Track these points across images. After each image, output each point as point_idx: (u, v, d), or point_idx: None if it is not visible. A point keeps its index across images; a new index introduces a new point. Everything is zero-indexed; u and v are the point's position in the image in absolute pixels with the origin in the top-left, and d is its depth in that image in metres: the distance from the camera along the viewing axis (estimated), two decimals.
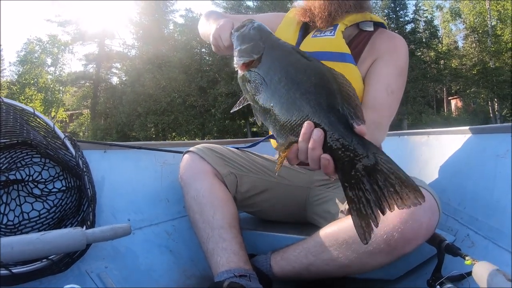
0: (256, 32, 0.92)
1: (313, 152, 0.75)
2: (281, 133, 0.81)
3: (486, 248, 1.11)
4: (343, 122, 0.74)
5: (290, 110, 0.78)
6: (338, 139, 0.73)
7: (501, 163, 1.23)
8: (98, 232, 0.95)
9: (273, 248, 1.25)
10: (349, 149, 0.72)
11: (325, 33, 1.33)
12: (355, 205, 0.70)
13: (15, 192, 1.13)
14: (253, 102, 0.87)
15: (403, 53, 1.34)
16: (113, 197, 1.42)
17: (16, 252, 0.79)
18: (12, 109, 1.21)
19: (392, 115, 1.32)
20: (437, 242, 1.03)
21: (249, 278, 1.08)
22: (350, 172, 0.71)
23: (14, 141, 1.12)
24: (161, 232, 1.49)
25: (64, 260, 1.05)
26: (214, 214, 1.22)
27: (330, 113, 0.75)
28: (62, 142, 1.27)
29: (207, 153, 1.35)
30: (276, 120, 0.81)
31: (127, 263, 1.29)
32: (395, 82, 1.30)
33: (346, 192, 0.72)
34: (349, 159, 0.71)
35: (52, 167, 1.23)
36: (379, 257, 1.01)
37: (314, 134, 0.73)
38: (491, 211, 1.18)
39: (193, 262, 1.46)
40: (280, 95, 0.80)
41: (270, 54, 0.86)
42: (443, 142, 1.79)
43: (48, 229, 1.14)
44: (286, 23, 1.49)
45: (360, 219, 0.69)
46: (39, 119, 1.29)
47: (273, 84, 0.82)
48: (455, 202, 1.40)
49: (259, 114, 0.87)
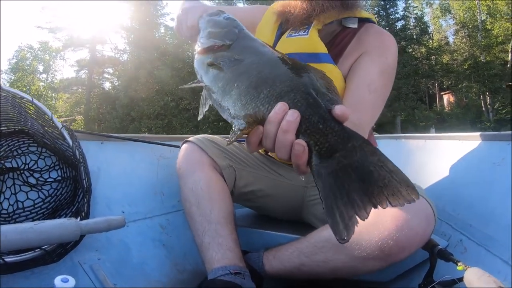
0: (231, 22, 0.84)
1: (284, 136, 0.63)
2: (241, 113, 0.67)
3: (478, 254, 1.12)
4: (321, 105, 0.63)
5: (259, 88, 0.67)
6: (316, 123, 0.62)
7: (496, 171, 1.24)
8: (92, 224, 0.95)
9: (266, 245, 1.25)
10: (329, 135, 0.61)
11: (299, 32, 1.26)
12: (331, 200, 0.60)
13: (11, 180, 1.13)
14: (211, 85, 0.74)
15: (391, 50, 1.27)
16: (108, 188, 1.41)
17: (9, 241, 0.78)
18: (10, 97, 1.21)
19: (374, 116, 1.24)
20: (429, 247, 1.03)
21: (243, 276, 1.08)
22: (327, 162, 0.61)
23: (11, 129, 1.12)
24: (155, 225, 1.49)
25: (57, 251, 1.05)
26: (212, 208, 1.20)
27: (308, 93, 0.64)
28: (59, 132, 1.26)
29: (207, 144, 1.33)
30: (238, 100, 0.68)
31: (120, 255, 1.28)
32: (379, 79, 1.22)
33: (320, 184, 0.62)
34: (328, 147, 0.61)
35: (48, 156, 1.22)
36: (372, 263, 1.01)
37: (289, 114, 0.62)
38: (485, 218, 1.19)
39: (185, 257, 1.46)
40: (250, 75, 0.69)
41: (243, 43, 0.78)
42: (440, 147, 1.79)
43: (42, 218, 1.14)
44: (265, 20, 1.42)
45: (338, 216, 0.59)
46: (37, 108, 1.28)
47: (242, 66, 0.72)
48: (450, 208, 1.40)
49: (216, 96, 0.73)
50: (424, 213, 0.99)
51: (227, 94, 0.71)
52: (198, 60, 0.80)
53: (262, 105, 0.66)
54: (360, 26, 1.32)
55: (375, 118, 1.25)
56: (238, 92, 0.69)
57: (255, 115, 0.66)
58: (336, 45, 1.29)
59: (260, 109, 0.65)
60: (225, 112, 0.71)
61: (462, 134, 1.59)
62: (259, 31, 1.40)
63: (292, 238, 1.23)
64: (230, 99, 0.70)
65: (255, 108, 0.66)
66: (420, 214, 0.98)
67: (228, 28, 0.81)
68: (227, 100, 0.70)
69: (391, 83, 1.28)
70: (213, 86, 0.74)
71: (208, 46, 0.79)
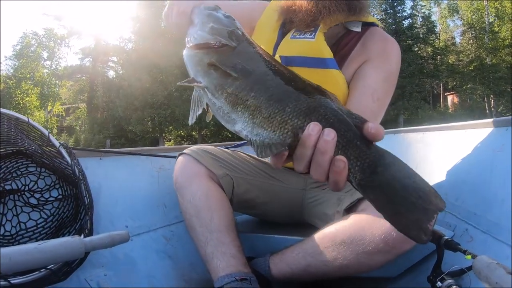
0: (232, 22, 0.75)
1: (322, 157, 0.58)
2: (263, 127, 0.62)
3: (485, 242, 1.11)
4: (350, 122, 0.61)
5: (283, 101, 0.61)
6: (352, 139, 0.59)
7: (497, 157, 1.24)
8: (96, 240, 0.95)
9: (271, 250, 1.25)
10: (367, 151, 0.60)
11: (305, 34, 1.23)
12: (392, 211, 0.60)
13: (12, 202, 1.13)
14: (215, 89, 0.67)
15: (395, 57, 1.26)
16: (110, 204, 1.41)
17: (14, 263, 0.78)
18: (6, 118, 1.20)
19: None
20: (436, 238, 1.03)
21: (250, 282, 1.08)
22: (371, 177, 0.59)
23: (9, 150, 1.11)
24: (159, 237, 1.49)
25: (63, 269, 1.04)
26: (212, 217, 1.20)
27: (336, 109, 0.61)
28: (57, 150, 1.26)
29: (202, 155, 1.32)
30: (257, 112, 0.62)
31: (126, 270, 1.28)
32: (382, 88, 1.22)
33: (371, 197, 0.60)
34: (369, 163, 0.59)
35: (48, 175, 1.22)
36: (377, 257, 1.01)
37: (326, 134, 0.57)
38: (489, 205, 1.19)
39: (191, 267, 1.45)
40: (268, 86, 0.64)
41: (249, 49, 0.71)
42: (439, 139, 1.80)
43: (46, 238, 1.13)
44: (266, 18, 1.39)
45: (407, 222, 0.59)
46: (33, 128, 1.28)
47: (256, 75, 0.65)
48: (453, 198, 1.40)
49: (220, 104, 0.66)
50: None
51: (240, 103, 0.64)
52: (193, 56, 0.71)
53: (291, 120, 0.60)
54: (364, 30, 1.30)
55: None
56: (257, 103, 0.62)
57: (288, 134, 0.60)
58: (341, 48, 1.27)
59: (289, 124, 0.60)
60: (236, 123, 0.65)
61: (460, 123, 1.59)
62: (259, 28, 1.38)
63: (296, 240, 1.22)
64: (246, 111, 0.63)
65: (281, 123, 0.61)
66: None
67: (232, 27, 0.73)
68: (241, 111, 0.64)
69: (393, 89, 1.28)
70: (218, 91, 0.66)
71: (209, 42, 0.71)
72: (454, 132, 1.61)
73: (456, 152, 1.54)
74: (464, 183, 1.39)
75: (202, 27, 0.74)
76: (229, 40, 0.70)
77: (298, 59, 1.22)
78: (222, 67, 0.67)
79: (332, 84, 1.20)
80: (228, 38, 0.70)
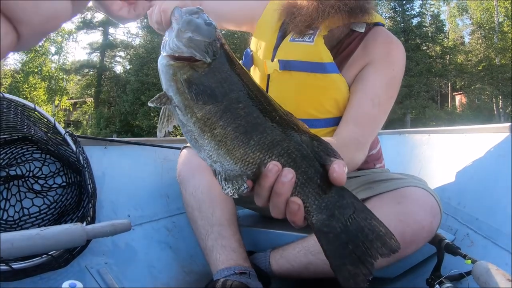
0: (213, 31, 0.67)
1: (278, 199, 0.57)
2: (226, 160, 0.61)
3: (485, 247, 1.11)
4: (314, 158, 0.59)
5: (248, 133, 0.60)
6: (313, 177, 0.58)
7: (502, 163, 1.23)
8: (98, 228, 0.95)
9: (272, 245, 1.25)
10: (327, 190, 0.58)
11: (304, 38, 1.20)
12: (338, 259, 0.59)
13: (16, 187, 1.14)
14: (186, 111, 0.64)
15: (398, 61, 1.20)
16: (113, 193, 1.42)
17: (16, 248, 0.79)
18: (13, 105, 1.21)
19: (376, 130, 1.19)
20: (436, 241, 1.03)
21: (249, 275, 1.08)
22: (329, 220, 0.58)
23: (14, 136, 1.12)
24: (161, 228, 1.50)
25: (64, 256, 1.05)
26: (213, 211, 1.21)
27: (301, 143, 0.59)
28: (62, 137, 1.27)
29: None
30: (222, 143, 0.61)
31: (127, 259, 1.29)
32: (384, 93, 1.17)
33: (324, 241, 0.59)
34: (327, 203, 0.58)
35: (52, 162, 1.23)
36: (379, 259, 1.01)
37: (284, 175, 0.55)
38: (491, 211, 1.18)
39: (192, 258, 1.46)
40: (237, 115, 0.61)
41: (224, 67, 0.66)
42: (444, 141, 1.79)
43: (48, 224, 1.14)
44: (266, 18, 1.35)
45: (347, 274, 0.59)
46: (40, 115, 1.28)
47: (228, 100, 0.62)
48: (455, 201, 1.39)
49: (191, 128, 0.63)
50: (429, 206, 0.98)
51: (207, 131, 0.62)
52: (167, 68, 0.66)
53: (253, 153, 0.59)
54: (368, 30, 1.25)
55: (376, 132, 1.21)
56: (223, 133, 0.61)
57: (249, 167, 0.59)
58: (341, 50, 1.24)
59: (251, 157, 0.59)
60: (203, 151, 0.63)
61: (466, 127, 1.58)
62: (258, 29, 1.36)
63: (298, 236, 1.22)
64: (212, 139, 0.62)
65: (244, 156, 0.59)
66: (425, 207, 0.98)
67: (210, 39, 0.66)
68: (208, 139, 0.62)
69: (396, 94, 1.23)
70: (188, 114, 0.63)
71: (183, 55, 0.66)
72: (460, 136, 1.60)
73: (461, 156, 1.54)
74: (467, 187, 1.38)
75: (179, 35, 0.68)
76: (205, 56, 0.65)
77: (297, 63, 1.19)
78: (194, 88, 0.64)
79: (332, 89, 1.18)
80: (204, 53, 0.65)
